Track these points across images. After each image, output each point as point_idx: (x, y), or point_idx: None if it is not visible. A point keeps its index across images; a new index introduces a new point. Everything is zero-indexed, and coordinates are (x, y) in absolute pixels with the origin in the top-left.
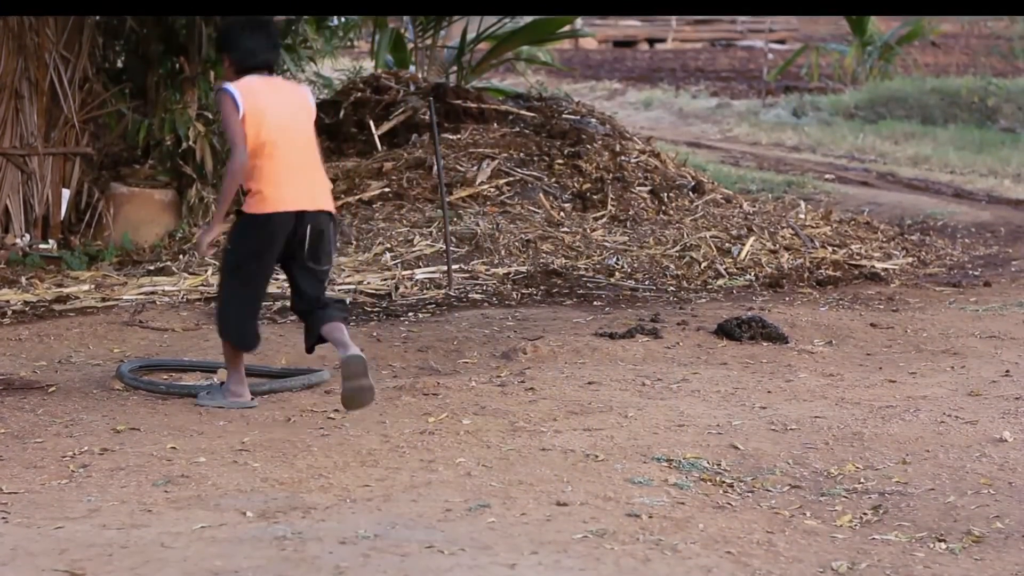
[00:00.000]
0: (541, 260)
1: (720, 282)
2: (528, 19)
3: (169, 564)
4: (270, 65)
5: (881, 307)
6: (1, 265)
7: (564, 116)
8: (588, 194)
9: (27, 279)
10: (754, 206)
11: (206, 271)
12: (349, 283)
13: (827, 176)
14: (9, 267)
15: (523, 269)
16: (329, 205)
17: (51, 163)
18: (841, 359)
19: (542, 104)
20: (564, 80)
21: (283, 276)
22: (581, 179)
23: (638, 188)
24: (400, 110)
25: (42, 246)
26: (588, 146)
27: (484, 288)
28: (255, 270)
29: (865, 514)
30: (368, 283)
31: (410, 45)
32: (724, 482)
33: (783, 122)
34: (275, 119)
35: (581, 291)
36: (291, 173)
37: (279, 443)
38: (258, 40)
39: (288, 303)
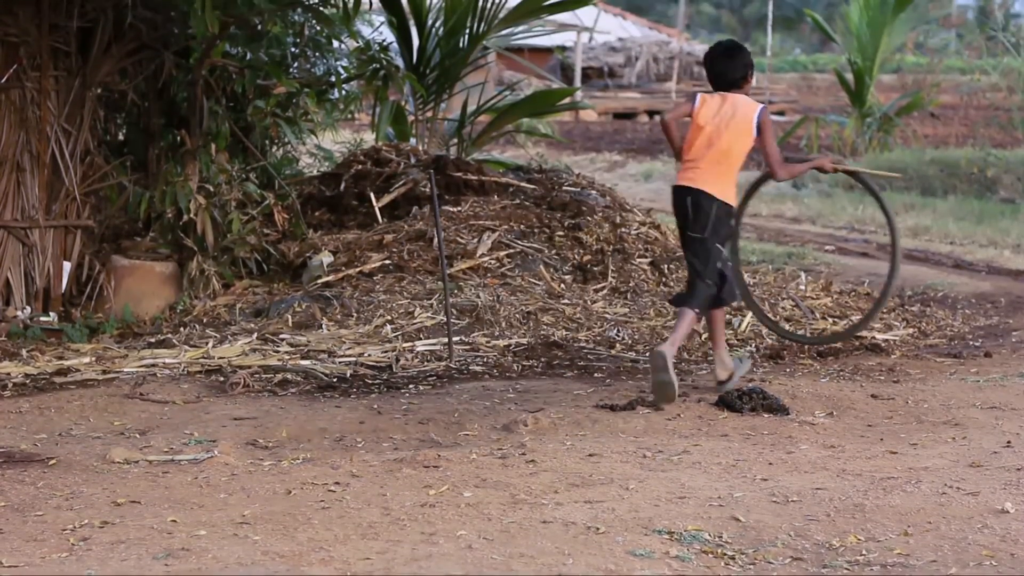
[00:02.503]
0: (542, 332)
1: None
2: (528, 92)
3: None
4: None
5: (882, 378)
6: (2, 338)
7: (564, 188)
8: (589, 266)
9: (28, 352)
10: (754, 277)
11: (207, 344)
12: (349, 355)
13: (827, 247)
14: (10, 340)
15: (524, 341)
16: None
17: (52, 236)
18: (842, 430)
19: (542, 176)
20: (564, 152)
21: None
22: (582, 251)
23: (639, 260)
24: (401, 182)
25: (43, 319)
26: (588, 218)
27: (485, 360)
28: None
29: None
30: (369, 355)
31: (411, 118)
32: (726, 554)
33: (783, 193)
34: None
35: (582, 363)
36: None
37: (280, 516)
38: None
39: (288, 376)
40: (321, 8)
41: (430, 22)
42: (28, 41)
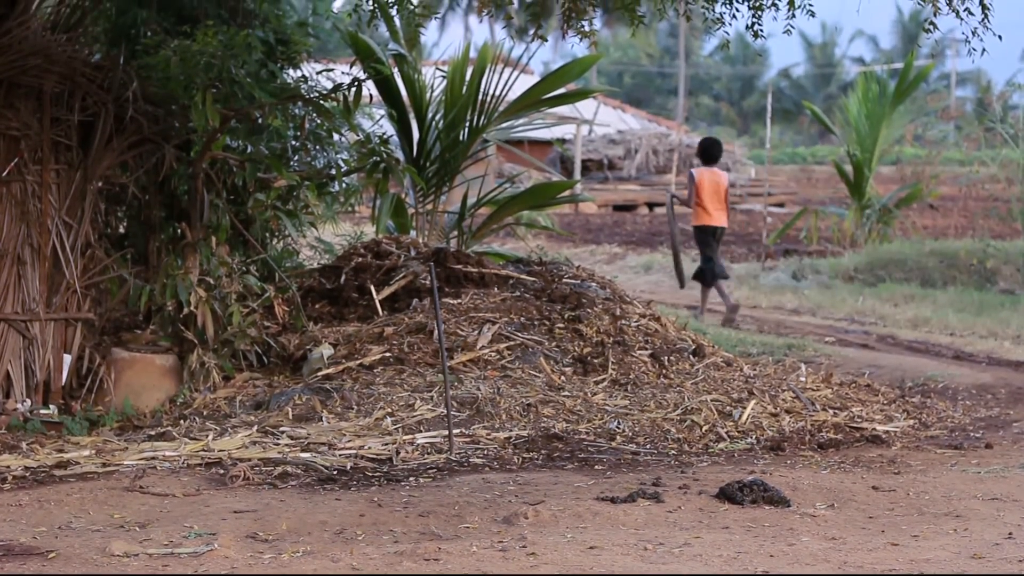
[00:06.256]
0: (542, 424)
1: (721, 445)
2: (528, 185)
3: None
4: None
5: (883, 470)
6: (2, 430)
7: (564, 280)
8: (589, 358)
9: (28, 444)
10: (755, 369)
11: (207, 436)
12: (350, 448)
13: (827, 339)
14: (10, 432)
15: (524, 433)
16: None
17: (53, 328)
18: (843, 522)
19: (542, 268)
20: (564, 244)
21: None
22: (582, 343)
23: (639, 352)
24: (401, 275)
25: (43, 411)
26: (588, 310)
27: (485, 452)
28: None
29: None
30: (369, 448)
31: (411, 210)
32: None
33: (783, 285)
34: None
35: (582, 455)
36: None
37: None
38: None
39: (288, 468)
40: (322, 101)
41: (430, 115)
42: (29, 135)
